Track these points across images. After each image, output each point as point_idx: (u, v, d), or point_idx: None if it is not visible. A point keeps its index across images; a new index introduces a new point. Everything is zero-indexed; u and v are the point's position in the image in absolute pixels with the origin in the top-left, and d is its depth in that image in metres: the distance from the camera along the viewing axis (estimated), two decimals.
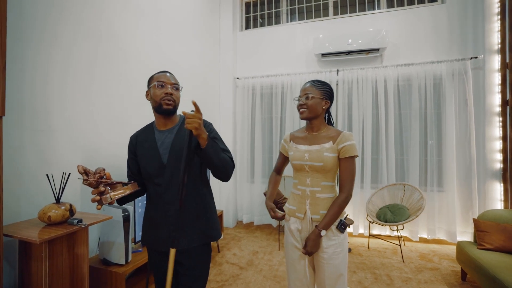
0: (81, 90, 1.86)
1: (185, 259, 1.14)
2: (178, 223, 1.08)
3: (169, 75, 1.17)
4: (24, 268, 1.37)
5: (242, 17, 4.15)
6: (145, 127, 1.26)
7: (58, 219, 1.42)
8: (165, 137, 1.16)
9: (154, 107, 1.15)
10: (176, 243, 1.07)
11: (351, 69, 3.45)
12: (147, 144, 1.17)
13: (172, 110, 1.15)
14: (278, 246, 3.05)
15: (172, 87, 1.14)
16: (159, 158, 1.13)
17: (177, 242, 1.08)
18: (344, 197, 1.22)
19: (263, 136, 3.86)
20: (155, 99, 1.12)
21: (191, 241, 1.13)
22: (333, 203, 1.23)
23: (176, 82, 1.17)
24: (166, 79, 1.14)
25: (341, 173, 1.25)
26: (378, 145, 3.39)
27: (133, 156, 1.23)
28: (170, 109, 1.13)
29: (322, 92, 1.28)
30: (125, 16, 2.25)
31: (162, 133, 1.18)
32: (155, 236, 1.17)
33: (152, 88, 1.14)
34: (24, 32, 1.53)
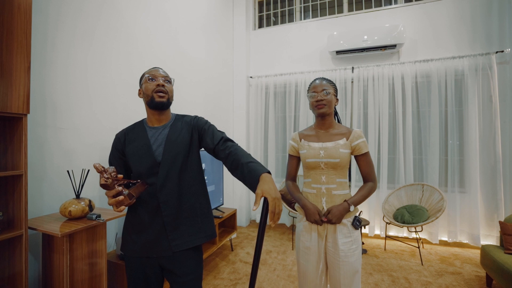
0: (100, 89, 1.92)
1: (177, 267, 1.07)
2: (175, 222, 1.05)
3: (160, 69, 1.13)
4: (47, 261, 1.42)
5: (255, 16, 4.14)
6: (134, 124, 1.19)
7: (78, 214, 1.48)
8: (159, 134, 1.11)
9: (146, 102, 1.10)
10: (175, 244, 1.04)
11: (367, 66, 3.36)
12: (138, 142, 1.10)
13: (166, 103, 1.09)
14: (291, 245, 3.02)
15: (163, 80, 1.10)
16: (152, 156, 1.06)
17: (176, 243, 1.05)
18: (373, 184, 1.28)
19: (277, 135, 3.84)
20: (147, 93, 1.08)
21: (190, 242, 1.08)
22: (363, 186, 1.28)
23: (167, 76, 1.13)
24: (156, 72, 1.11)
25: (363, 168, 1.29)
26: (395, 144, 3.28)
27: (120, 156, 1.14)
28: (163, 102, 1.08)
29: (334, 89, 1.31)
30: (142, 17, 2.30)
31: (155, 129, 1.12)
32: (143, 241, 1.07)
33: (143, 83, 1.11)
34: (47, 33, 1.59)
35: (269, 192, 0.80)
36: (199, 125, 1.14)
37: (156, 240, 1.05)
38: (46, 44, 1.58)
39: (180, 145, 1.09)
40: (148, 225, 1.06)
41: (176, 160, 1.07)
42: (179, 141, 1.09)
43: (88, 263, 1.45)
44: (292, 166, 1.44)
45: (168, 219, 1.05)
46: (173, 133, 1.10)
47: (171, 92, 1.13)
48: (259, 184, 0.84)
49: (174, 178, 1.07)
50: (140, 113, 2.25)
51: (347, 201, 1.21)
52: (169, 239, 1.05)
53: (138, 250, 1.07)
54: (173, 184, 1.07)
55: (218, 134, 1.11)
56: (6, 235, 1.19)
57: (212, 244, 2.52)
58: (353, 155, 1.30)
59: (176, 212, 1.06)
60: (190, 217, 1.09)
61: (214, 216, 2.60)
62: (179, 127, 1.13)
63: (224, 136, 1.10)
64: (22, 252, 1.25)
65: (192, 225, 1.10)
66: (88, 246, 1.46)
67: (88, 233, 1.46)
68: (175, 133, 1.10)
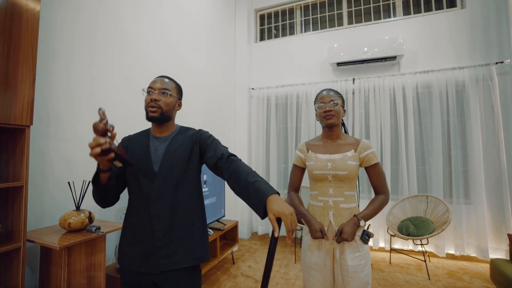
0: (103, 100, 1.94)
1: (170, 286, 0.99)
2: (166, 239, 0.98)
3: (160, 79, 1.09)
4: (44, 274, 1.40)
5: (256, 29, 4.23)
6: (141, 131, 1.18)
7: (77, 226, 1.46)
8: (160, 144, 1.09)
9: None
10: (163, 263, 0.97)
11: (368, 78, 3.39)
12: (139, 150, 1.08)
13: (158, 117, 1.05)
14: (294, 259, 2.96)
15: (159, 92, 1.05)
16: (150, 165, 1.04)
17: (164, 262, 0.98)
18: (385, 197, 1.24)
19: (278, 146, 3.84)
20: (145, 106, 1.06)
21: (179, 262, 0.99)
22: (374, 199, 1.24)
23: (165, 87, 1.06)
24: (154, 84, 1.06)
25: (374, 179, 1.26)
26: (398, 154, 3.26)
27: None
28: (155, 116, 1.04)
29: (341, 100, 1.30)
30: (145, 30, 2.35)
31: (158, 140, 1.10)
32: (134, 254, 1.02)
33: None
34: (52, 47, 1.63)
35: (282, 212, 0.76)
36: (202, 139, 1.10)
37: (146, 255, 1.00)
38: (49, 56, 1.61)
39: (178, 158, 1.05)
40: (140, 238, 1.02)
41: (173, 173, 1.03)
42: (177, 154, 1.05)
43: (86, 276, 1.42)
44: (297, 176, 1.40)
45: (159, 234, 0.99)
46: (173, 145, 1.07)
47: (167, 106, 1.06)
48: (268, 207, 0.79)
49: (169, 192, 1.02)
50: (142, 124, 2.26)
51: (357, 216, 1.17)
52: (157, 256, 0.98)
53: (129, 262, 1.03)
54: (167, 198, 1.02)
55: (221, 149, 1.05)
56: (3, 248, 1.18)
57: (213, 257, 2.46)
58: (363, 167, 1.27)
59: (167, 228, 1.00)
60: (183, 235, 1.02)
61: (215, 229, 2.58)
62: (180, 140, 1.09)
63: (226, 152, 1.03)
64: (19, 265, 1.23)
65: (183, 244, 1.01)
66: (87, 259, 1.43)
67: (87, 246, 1.43)
68: (175, 145, 1.07)
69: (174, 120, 1.15)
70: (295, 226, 0.76)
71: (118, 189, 1.09)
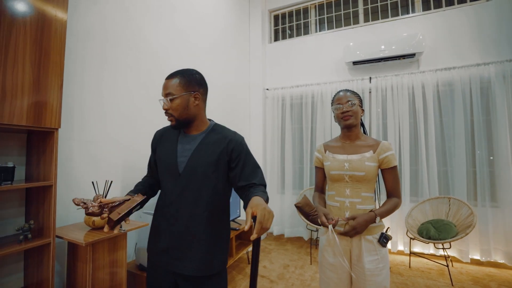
0: (125, 105, 2.02)
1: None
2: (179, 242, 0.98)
3: (164, 83, 1.02)
4: (71, 268, 1.48)
5: (270, 30, 4.24)
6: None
7: (101, 224, 1.53)
8: (188, 144, 1.05)
9: None
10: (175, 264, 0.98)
11: (385, 76, 3.31)
12: (167, 147, 1.07)
13: (176, 125, 1.03)
14: (310, 260, 2.93)
15: (166, 100, 0.99)
16: (175, 166, 1.02)
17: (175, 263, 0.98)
18: (398, 201, 1.22)
19: (294, 146, 3.82)
20: None
21: (188, 269, 0.97)
22: (388, 200, 1.23)
23: (168, 91, 0.98)
24: (162, 91, 1.02)
25: (389, 182, 1.24)
26: (417, 155, 3.15)
27: (153, 154, 1.15)
28: (174, 125, 1.03)
29: (359, 100, 1.29)
30: (162, 33, 2.43)
31: (187, 138, 1.06)
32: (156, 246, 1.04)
33: None
34: (77, 52, 1.72)
35: (257, 206, 0.74)
36: (234, 152, 1.02)
37: (164, 251, 1.01)
38: (73, 61, 1.70)
39: (204, 161, 1.01)
40: (160, 233, 1.03)
41: (196, 176, 1.00)
42: (204, 157, 1.01)
43: (109, 272, 1.48)
44: (319, 177, 1.41)
45: (173, 235, 0.99)
46: (203, 146, 1.03)
47: (176, 111, 0.99)
48: (249, 203, 0.79)
49: (190, 195, 1.00)
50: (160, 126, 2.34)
51: (374, 212, 1.15)
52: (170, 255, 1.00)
53: (151, 252, 1.06)
54: (187, 202, 1.00)
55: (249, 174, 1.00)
56: (36, 243, 1.26)
57: (229, 257, 2.50)
58: (380, 169, 1.25)
59: (182, 231, 0.99)
60: (196, 243, 0.98)
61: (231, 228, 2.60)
62: (211, 140, 1.03)
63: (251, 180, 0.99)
64: (50, 259, 1.31)
65: (195, 252, 0.98)
66: (110, 255, 1.50)
67: (110, 243, 1.50)
68: (204, 147, 1.02)
69: (202, 116, 1.07)
70: (266, 222, 0.71)
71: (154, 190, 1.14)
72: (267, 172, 3.92)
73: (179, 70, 1.03)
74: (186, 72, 1.02)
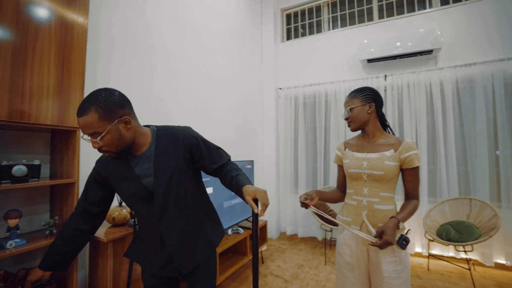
0: (141, 104, 2.07)
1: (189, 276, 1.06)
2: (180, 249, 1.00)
3: (80, 121, 0.82)
4: (93, 263, 1.52)
5: (283, 29, 4.22)
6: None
7: (120, 220, 1.57)
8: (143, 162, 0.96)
9: None
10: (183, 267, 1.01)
11: (401, 74, 3.22)
12: (124, 174, 0.96)
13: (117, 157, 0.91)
14: (324, 260, 2.90)
15: (92, 138, 0.85)
16: (145, 189, 0.96)
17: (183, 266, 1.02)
18: (417, 203, 1.19)
19: (307, 146, 3.79)
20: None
21: (196, 260, 1.04)
22: (408, 203, 1.18)
23: (91, 131, 0.82)
24: (81, 129, 0.84)
25: (409, 183, 1.20)
26: (436, 154, 3.06)
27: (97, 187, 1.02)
28: (115, 157, 0.91)
29: (360, 99, 1.24)
30: (176, 34, 2.47)
31: (138, 158, 0.97)
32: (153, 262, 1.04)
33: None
34: (98, 54, 1.77)
35: (254, 190, 0.91)
36: (192, 147, 1.01)
37: (164, 264, 1.02)
38: (97, 64, 1.76)
39: (172, 168, 0.97)
40: (155, 250, 1.03)
41: (169, 189, 0.97)
42: (170, 165, 0.97)
43: (128, 268, 1.52)
44: (339, 175, 1.42)
45: (172, 248, 1.00)
46: (160, 157, 0.96)
47: (112, 146, 0.86)
48: (244, 193, 0.93)
49: (171, 207, 0.98)
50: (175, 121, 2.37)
51: (397, 218, 1.10)
52: (175, 263, 1.01)
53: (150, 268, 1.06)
54: (171, 213, 0.99)
55: (214, 156, 1.06)
56: None
57: (243, 256, 2.50)
58: (401, 168, 1.20)
59: (178, 239, 1.01)
60: (194, 237, 1.05)
61: (245, 227, 2.62)
62: (164, 148, 0.98)
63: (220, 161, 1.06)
64: None
65: (196, 244, 1.05)
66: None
67: (129, 240, 1.54)
68: (162, 157, 0.97)
69: (140, 132, 0.95)
70: (267, 202, 0.90)
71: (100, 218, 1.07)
72: (279, 172, 3.90)
73: (89, 98, 0.83)
74: (98, 99, 0.82)
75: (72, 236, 1.01)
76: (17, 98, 1.15)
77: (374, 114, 1.24)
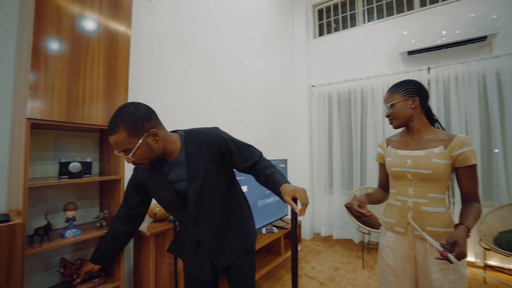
0: (180, 105, 2.16)
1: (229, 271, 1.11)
2: (215, 249, 1.05)
3: (111, 140, 0.86)
4: (136, 255, 1.63)
5: (315, 25, 4.12)
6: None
7: (161, 216, 1.66)
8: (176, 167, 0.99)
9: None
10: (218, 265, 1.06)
11: (447, 65, 2.94)
12: (158, 182, 1.01)
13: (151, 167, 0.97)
14: (362, 264, 2.76)
15: (124, 154, 0.88)
16: (181, 194, 1.00)
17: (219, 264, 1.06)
18: (480, 206, 1.04)
19: (342, 145, 3.64)
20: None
21: (231, 257, 1.08)
22: (471, 207, 1.03)
23: (122, 148, 0.86)
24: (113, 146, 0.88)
25: (466, 184, 1.06)
26: (491, 154, 2.73)
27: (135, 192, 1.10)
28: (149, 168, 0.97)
29: (402, 93, 1.15)
30: (209, 35, 2.54)
31: (170, 164, 0.99)
32: (190, 261, 1.11)
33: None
34: (137, 58, 1.90)
35: (294, 190, 0.89)
36: (222, 149, 1.01)
37: (199, 264, 1.08)
38: (137, 67, 1.88)
39: (205, 171, 0.99)
40: (192, 251, 1.10)
41: (204, 194, 0.99)
42: (202, 168, 0.98)
43: (168, 262, 1.60)
44: (381, 174, 1.34)
45: (208, 248, 1.05)
46: (191, 162, 0.98)
47: (144, 158, 0.90)
48: (282, 192, 0.92)
49: (206, 211, 1.01)
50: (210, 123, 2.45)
51: (465, 225, 0.94)
52: (211, 263, 1.06)
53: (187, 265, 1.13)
54: (206, 217, 1.02)
55: (245, 155, 1.05)
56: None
57: (277, 255, 2.49)
58: (455, 167, 1.07)
59: (213, 239, 1.05)
60: (229, 236, 1.08)
61: (278, 227, 2.59)
62: (195, 152, 0.99)
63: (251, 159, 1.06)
64: None
65: (231, 243, 1.08)
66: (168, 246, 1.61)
67: (169, 234, 1.61)
68: (193, 161, 0.98)
69: (169, 140, 0.97)
70: (307, 201, 0.88)
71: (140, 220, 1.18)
72: (313, 171, 3.82)
73: (116, 116, 0.85)
74: (125, 115, 0.85)
75: (115, 237, 1.15)
76: (72, 102, 1.28)
77: (419, 109, 1.14)
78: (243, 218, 1.15)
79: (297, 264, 0.91)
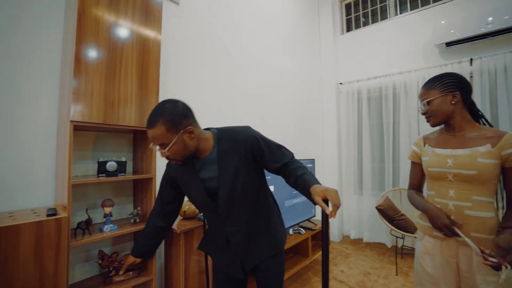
0: (207, 105, 2.22)
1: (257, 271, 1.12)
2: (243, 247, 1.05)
3: (149, 133, 0.89)
4: (167, 252, 1.69)
5: (342, 20, 3.99)
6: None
7: (190, 214, 1.71)
8: (209, 165, 1.00)
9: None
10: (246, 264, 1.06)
11: (494, 55, 2.68)
12: (191, 179, 1.02)
13: (183, 164, 0.98)
14: (395, 270, 2.61)
15: (160, 148, 0.91)
16: (212, 192, 1.01)
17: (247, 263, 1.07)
18: None
19: (372, 144, 3.48)
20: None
21: (259, 257, 1.09)
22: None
23: (159, 142, 0.89)
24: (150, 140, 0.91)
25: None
26: None
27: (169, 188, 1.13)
28: (181, 165, 0.98)
29: (440, 89, 1.05)
30: (234, 35, 2.57)
31: (202, 161, 1.01)
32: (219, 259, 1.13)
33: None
34: (167, 61, 1.97)
35: (325, 190, 0.85)
36: (254, 148, 1.00)
37: (228, 262, 1.09)
38: (166, 70, 1.96)
39: (236, 170, 0.99)
40: (221, 248, 1.11)
41: (234, 194, 1.00)
42: (233, 167, 0.99)
43: (197, 259, 1.64)
44: (415, 173, 1.23)
45: (236, 247, 1.06)
46: (223, 159, 0.99)
47: (178, 155, 0.93)
48: (312, 193, 0.87)
49: (236, 209, 1.02)
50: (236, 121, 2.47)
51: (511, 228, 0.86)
52: (239, 262, 1.07)
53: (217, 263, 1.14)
54: (236, 216, 1.03)
55: (276, 155, 1.02)
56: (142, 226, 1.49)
57: (305, 257, 2.44)
58: (504, 167, 0.97)
59: (242, 238, 1.05)
60: (258, 236, 1.09)
61: (306, 228, 2.55)
62: (227, 150, 0.99)
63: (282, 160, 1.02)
64: None
65: (259, 243, 1.09)
66: (197, 243, 1.66)
67: (197, 233, 1.66)
68: (225, 159, 0.99)
69: (203, 138, 0.99)
70: (339, 202, 0.83)
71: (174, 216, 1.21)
72: (342, 171, 3.69)
73: (156, 111, 0.89)
74: (165, 112, 0.88)
75: (152, 232, 1.20)
76: (109, 105, 1.37)
77: (461, 104, 1.04)
78: (271, 219, 1.14)
79: (327, 267, 0.87)
